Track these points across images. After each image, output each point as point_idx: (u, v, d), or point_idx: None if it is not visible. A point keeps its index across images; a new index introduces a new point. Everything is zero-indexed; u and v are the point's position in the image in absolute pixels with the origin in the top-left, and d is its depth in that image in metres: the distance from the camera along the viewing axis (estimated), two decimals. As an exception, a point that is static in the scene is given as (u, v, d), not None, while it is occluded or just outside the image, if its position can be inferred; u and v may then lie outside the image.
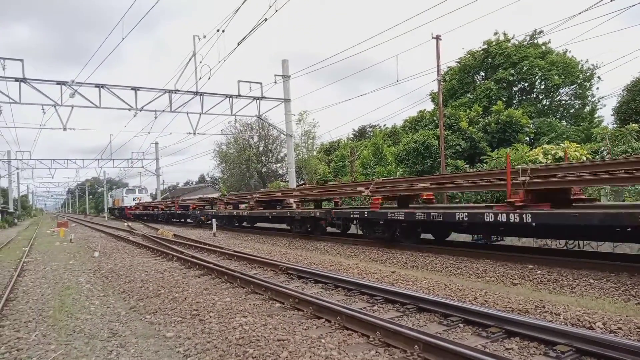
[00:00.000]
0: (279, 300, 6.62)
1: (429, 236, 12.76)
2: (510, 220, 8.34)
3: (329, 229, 15.64)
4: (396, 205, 12.93)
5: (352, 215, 13.02)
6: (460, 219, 9.49)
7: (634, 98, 28.64)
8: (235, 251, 12.28)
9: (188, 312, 6.24)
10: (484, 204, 14.12)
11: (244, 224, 22.62)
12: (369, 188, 12.76)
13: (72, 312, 6.66)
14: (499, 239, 11.09)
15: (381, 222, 12.18)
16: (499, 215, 8.59)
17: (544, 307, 5.65)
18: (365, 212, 12.42)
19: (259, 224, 22.61)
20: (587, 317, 5.17)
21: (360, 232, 14.03)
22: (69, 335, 5.52)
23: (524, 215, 8.12)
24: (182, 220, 32.28)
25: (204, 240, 16.30)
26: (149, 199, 49.79)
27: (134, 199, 49.25)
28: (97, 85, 21.24)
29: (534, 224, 8.10)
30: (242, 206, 23.02)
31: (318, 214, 14.87)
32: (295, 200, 17.99)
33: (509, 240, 11.73)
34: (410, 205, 12.67)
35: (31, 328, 5.91)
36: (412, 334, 4.37)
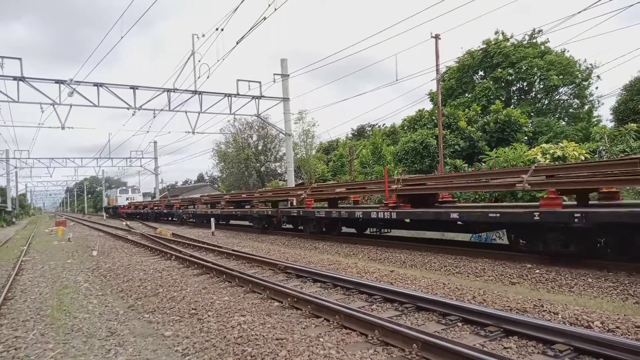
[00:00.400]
0: (277, 299, 6.62)
1: (366, 231, 15.13)
2: (386, 217, 11.56)
3: (285, 225, 18.19)
4: (326, 205, 15.88)
5: (292, 214, 16.19)
6: (358, 216, 12.63)
7: (632, 98, 28.70)
8: (233, 250, 12.27)
9: (186, 311, 6.24)
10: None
11: (220, 222, 24.42)
12: (306, 191, 15.93)
13: (70, 311, 6.65)
14: (388, 231, 13.99)
15: (312, 219, 15.14)
16: (380, 213, 11.68)
17: (542, 306, 5.66)
18: (301, 211, 15.55)
19: (232, 222, 25.05)
20: (585, 316, 5.18)
21: (301, 227, 16.70)
22: (67, 334, 5.51)
23: (393, 213, 11.31)
24: (169, 218, 34.44)
25: (203, 240, 16.29)
26: (140, 199, 52.12)
27: (127, 199, 52.37)
28: (95, 84, 21.20)
29: (400, 219, 11.66)
30: (217, 206, 25.11)
31: (270, 212, 17.66)
32: (257, 200, 20.27)
33: (398, 232, 14.15)
34: (339, 206, 15.65)
35: (29, 327, 5.90)
36: (411, 333, 4.37)
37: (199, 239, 16.79)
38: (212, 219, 21.65)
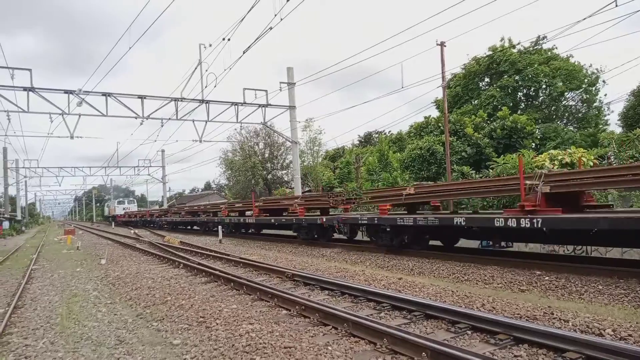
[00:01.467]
0: (285, 307, 6.61)
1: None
2: (255, 222, 17.17)
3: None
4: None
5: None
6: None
7: (640, 103, 28.51)
8: (241, 258, 12.28)
9: (195, 319, 6.25)
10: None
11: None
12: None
13: (80, 319, 6.68)
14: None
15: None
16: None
17: (553, 314, 5.60)
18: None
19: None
20: (597, 323, 5.12)
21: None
22: (77, 343, 5.53)
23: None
24: (152, 225, 40.33)
25: (210, 247, 16.32)
26: (135, 209, 60.07)
27: (123, 209, 59.64)
28: (104, 94, 21.42)
29: (257, 222, 17.44)
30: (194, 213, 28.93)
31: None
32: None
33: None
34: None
35: (39, 335, 5.93)
36: (420, 341, 4.34)
37: (207, 246, 16.83)
38: (220, 227, 21.68)
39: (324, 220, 15.02)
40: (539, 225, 7.98)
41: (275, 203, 20.70)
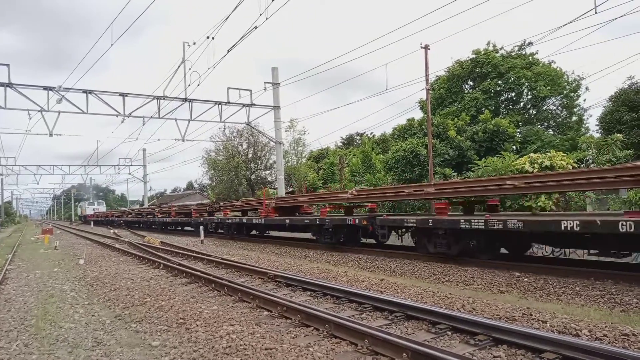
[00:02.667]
0: (266, 309, 6.57)
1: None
2: (264, 223, 17.63)
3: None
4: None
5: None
6: (258, 221, 17.91)
7: (617, 108, 29.20)
8: (222, 259, 12.18)
9: (174, 320, 6.16)
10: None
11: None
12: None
13: (56, 320, 6.53)
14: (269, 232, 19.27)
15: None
16: (258, 219, 17.95)
17: (531, 315, 5.68)
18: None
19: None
20: (574, 324, 5.21)
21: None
22: (52, 345, 5.41)
23: (260, 220, 17.72)
24: (114, 224, 45.02)
25: (191, 248, 16.15)
26: (103, 209, 66.20)
27: (93, 210, 65.13)
28: (84, 91, 21.03)
29: (265, 223, 17.65)
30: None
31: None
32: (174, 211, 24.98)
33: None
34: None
35: (12, 337, 5.78)
36: (401, 342, 4.36)
37: (188, 247, 16.65)
38: (202, 228, 21.47)
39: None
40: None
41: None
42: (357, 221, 12.60)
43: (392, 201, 19.26)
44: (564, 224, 7.61)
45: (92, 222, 53.16)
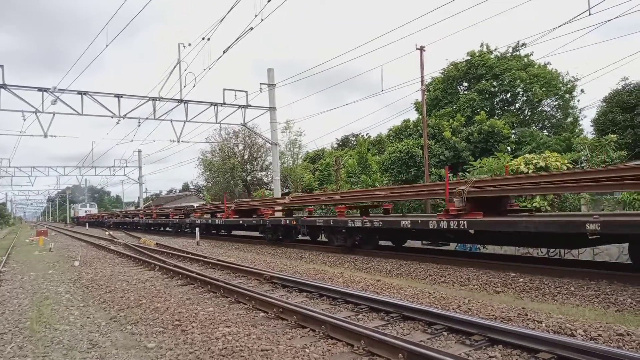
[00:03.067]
0: (263, 310, 6.56)
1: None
2: (225, 223, 20.02)
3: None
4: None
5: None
6: (220, 222, 20.98)
7: (611, 109, 29.38)
8: (218, 260, 12.15)
9: (170, 322, 6.14)
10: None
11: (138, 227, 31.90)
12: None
13: (51, 323, 6.50)
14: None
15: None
16: (220, 220, 20.44)
17: (527, 315, 5.70)
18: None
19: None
20: (569, 324, 5.23)
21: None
22: (47, 347, 5.38)
23: (222, 221, 20.19)
24: (104, 225, 47.30)
25: (187, 249, 16.11)
26: (95, 211, 68.84)
27: (85, 211, 68.79)
28: (79, 92, 20.96)
29: (226, 224, 20.03)
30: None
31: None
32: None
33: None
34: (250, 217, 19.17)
35: (7, 340, 5.74)
36: (397, 343, 4.36)
37: (183, 248, 16.61)
38: (197, 229, 21.42)
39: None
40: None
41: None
42: (288, 222, 15.45)
43: (320, 205, 20.43)
44: (402, 223, 10.40)
45: (87, 224, 52.99)
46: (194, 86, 21.85)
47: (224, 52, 18.03)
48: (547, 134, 35.96)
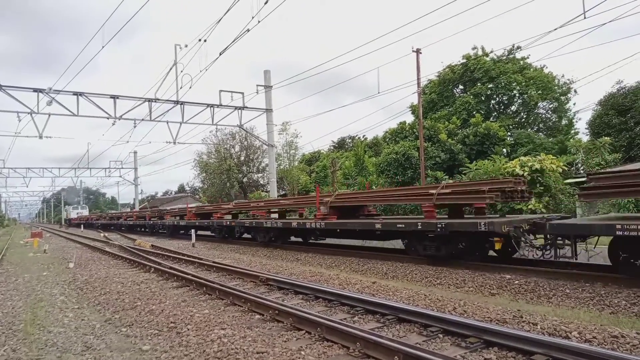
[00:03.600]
0: (258, 312, 6.54)
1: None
2: (186, 224, 23.71)
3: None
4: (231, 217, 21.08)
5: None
6: (182, 223, 24.34)
7: (606, 112, 29.54)
8: (214, 262, 12.12)
9: (165, 324, 6.12)
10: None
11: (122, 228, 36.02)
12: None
13: (45, 325, 6.46)
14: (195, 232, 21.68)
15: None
16: (183, 222, 24.33)
17: (522, 317, 5.72)
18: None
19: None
20: (564, 326, 5.25)
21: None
22: (41, 350, 5.34)
23: (184, 222, 24.19)
24: (93, 226, 50.62)
25: (183, 251, 16.07)
26: (86, 213, 72.58)
27: (77, 213, 72.54)
28: (75, 93, 20.90)
29: (187, 225, 23.48)
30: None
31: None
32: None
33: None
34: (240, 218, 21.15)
35: (0, 342, 5.70)
36: (392, 345, 4.36)
37: (179, 250, 16.56)
38: (193, 230, 21.37)
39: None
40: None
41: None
42: (228, 222, 19.37)
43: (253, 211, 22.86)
44: (292, 224, 14.85)
45: (82, 225, 52.78)
46: (190, 87, 21.93)
47: (220, 54, 18.04)
48: (543, 136, 36.14)
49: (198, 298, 7.93)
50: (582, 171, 22.28)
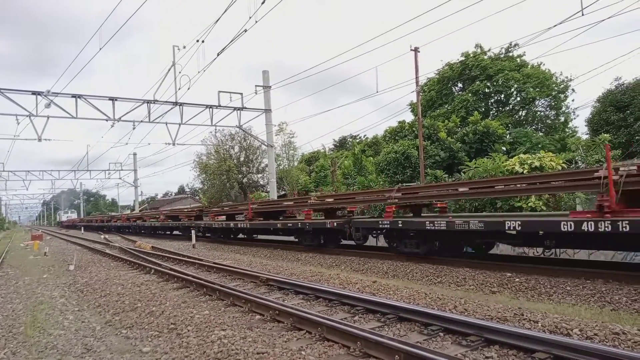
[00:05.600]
0: (259, 312, 6.53)
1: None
2: (160, 225, 28.83)
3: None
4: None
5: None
6: (157, 224, 28.78)
7: (605, 109, 29.53)
8: (214, 263, 12.11)
9: (165, 326, 6.11)
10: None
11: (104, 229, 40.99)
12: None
13: (45, 327, 6.45)
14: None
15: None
16: (157, 223, 29.23)
17: (523, 315, 5.71)
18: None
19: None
20: (565, 324, 5.24)
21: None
22: (41, 352, 5.33)
23: (158, 223, 29.06)
24: (77, 227, 58.16)
25: (183, 252, 16.05)
26: (75, 217, 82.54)
27: (67, 217, 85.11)
28: (73, 96, 20.86)
29: (161, 226, 29.02)
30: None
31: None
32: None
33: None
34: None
35: (0, 345, 5.69)
36: (393, 344, 4.35)
37: (179, 251, 16.54)
38: (193, 231, 21.35)
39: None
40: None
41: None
42: (192, 224, 22.51)
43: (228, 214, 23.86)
44: (239, 225, 18.41)
45: (82, 228, 52.68)
46: (188, 89, 21.87)
47: (218, 54, 18.03)
48: (542, 134, 36.14)
49: (198, 299, 7.92)
50: (582, 168, 22.26)
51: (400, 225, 10.47)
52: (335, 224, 12.74)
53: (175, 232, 28.50)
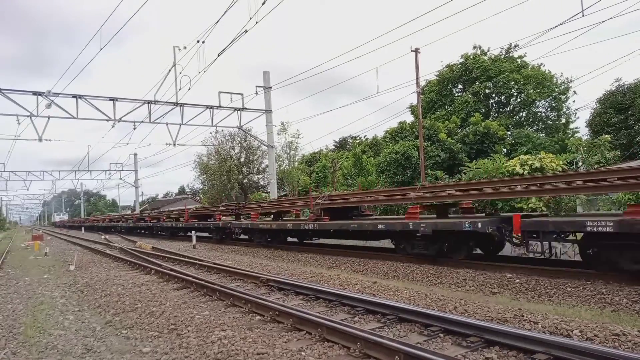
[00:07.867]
0: (259, 313, 6.53)
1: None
2: (151, 225, 30.93)
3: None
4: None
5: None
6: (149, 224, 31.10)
7: (605, 110, 29.52)
8: (215, 264, 12.10)
9: (165, 326, 6.11)
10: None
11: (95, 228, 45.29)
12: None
13: (45, 328, 6.45)
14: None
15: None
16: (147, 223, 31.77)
17: (523, 316, 5.70)
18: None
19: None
20: (565, 325, 5.24)
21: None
22: (41, 352, 5.33)
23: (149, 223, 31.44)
24: (66, 226, 64.93)
25: (183, 253, 16.05)
26: (66, 218, 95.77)
27: (59, 218, 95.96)
28: (74, 96, 20.87)
29: (152, 225, 30.99)
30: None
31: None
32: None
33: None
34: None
35: (0, 345, 5.69)
36: (393, 345, 4.35)
37: (179, 252, 16.54)
38: (194, 232, 21.36)
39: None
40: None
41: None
42: (172, 225, 26.28)
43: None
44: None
45: (82, 228, 52.69)
46: (189, 89, 21.86)
47: (218, 55, 18.03)
48: (542, 135, 36.13)
49: (199, 300, 7.92)
50: (582, 169, 22.27)
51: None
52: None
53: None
